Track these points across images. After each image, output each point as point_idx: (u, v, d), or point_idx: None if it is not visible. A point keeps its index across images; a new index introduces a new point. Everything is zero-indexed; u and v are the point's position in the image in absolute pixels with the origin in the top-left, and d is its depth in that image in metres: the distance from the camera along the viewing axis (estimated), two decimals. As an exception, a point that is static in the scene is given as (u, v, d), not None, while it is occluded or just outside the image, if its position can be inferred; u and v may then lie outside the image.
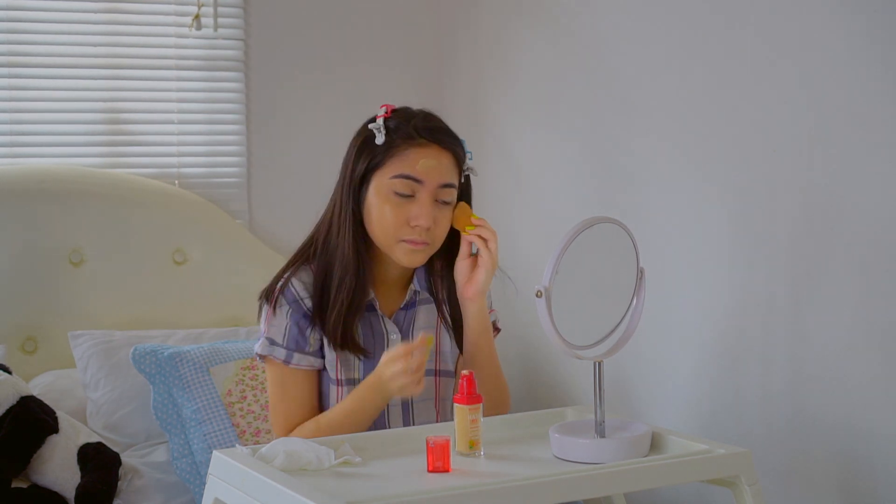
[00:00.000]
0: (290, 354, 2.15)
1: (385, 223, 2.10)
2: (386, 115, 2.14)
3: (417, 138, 2.11)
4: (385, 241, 2.12)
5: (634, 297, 1.97)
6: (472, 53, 3.42)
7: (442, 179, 2.11)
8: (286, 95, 3.38)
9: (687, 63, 2.65)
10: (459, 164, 2.16)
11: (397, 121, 2.13)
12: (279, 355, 2.15)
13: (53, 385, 2.88)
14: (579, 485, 1.74)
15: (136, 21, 3.22)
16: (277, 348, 2.15)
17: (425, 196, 2.10)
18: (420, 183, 2.09)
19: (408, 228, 2.09)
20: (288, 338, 2.15)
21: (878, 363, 2.25)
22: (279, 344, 2.15)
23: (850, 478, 2.31)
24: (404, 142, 2.10)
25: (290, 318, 2.15)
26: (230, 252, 3.21)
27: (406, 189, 2.09)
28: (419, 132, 2.11)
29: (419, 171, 2.09)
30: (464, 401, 1.89)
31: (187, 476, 2.63)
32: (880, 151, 2.22)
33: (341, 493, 1.66)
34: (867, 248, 2.26)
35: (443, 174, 2.11)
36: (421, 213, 2.09)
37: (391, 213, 2.09)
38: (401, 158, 2.10)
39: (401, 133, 2.11)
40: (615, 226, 1.92)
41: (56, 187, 3.05)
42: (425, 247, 2.11)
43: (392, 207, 2.09)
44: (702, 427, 2.63)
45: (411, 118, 2.14)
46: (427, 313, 2.23)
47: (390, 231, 2.10)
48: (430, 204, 2.09)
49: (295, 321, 2.15)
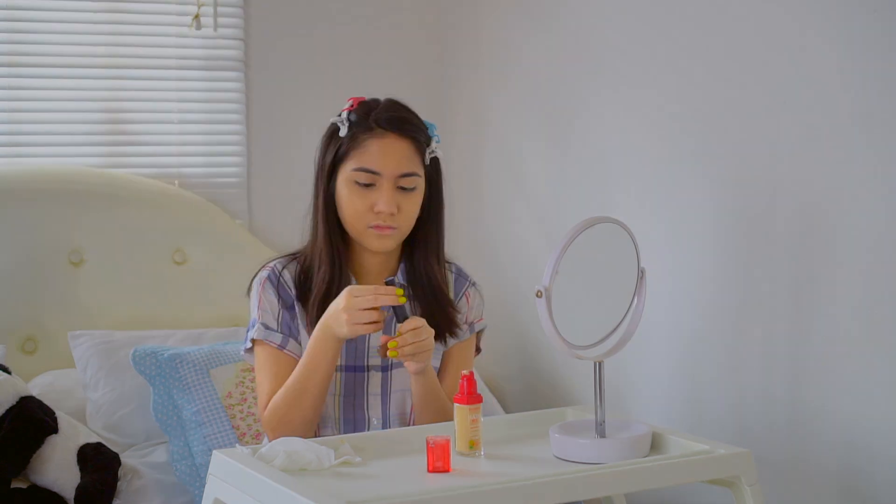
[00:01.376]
0: (286, 340, 2.18)
1: (351, 211, 2.15)
2: (351, 108, 2.19)
3: (376, 129, 2.15)
4: (354, 228, 2.17)
5: (635, 297, 1.97)
6: (472, 53, 3.42)
7: (399, 169, 2.15)
8: (286, 95, 3.38)
9: (687, 63, 2.65)
10: (421, 151, 2.19)
11: (359, 113, 2.18)
12: (275, 340, 2.17)
13: (53, 385, 2.88)
14: (579, 485, 1.74)
15: (137, 21, 3.22)
16: (273, 333, 2.18)
17: (385, 184, 2.14)
18: (378, 174, 2.14)
19: (372, 215, 2.14)
20: (281, 323, 2.19)
21: (878, 363, 2.25)
22: (274, 329, 2.18)
23: (850, 478, 2.31)
24: (363, 133, 2.16)
25: (280, 305, 2.19)
26: (230, 252, 3.21)
27: (366, 179, 2.14)
28: (377, 122, 2.16)
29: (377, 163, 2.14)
30: (464, 401, 1.89)
31: (187, 478, 2.63)
32: (880, 151, 2.22)
33: (341, 493, 1.66)
34: (867, 248, 2.26)
35: (400, 164, 2.15)
36: (381, 201, 2.13)
37: (355, 202, 2.15)
38: (361, 150, 2.15)
39: (361, 125, 2.16)
40: (615, 226, 1.92)
41: (56, 187, 3.05)
42: (392, 231, 2.16)
43: (356, 197, 2.15)
44: (702, 427, 2.62)
45: (372, 109, 2.19)
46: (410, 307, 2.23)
47: (357, 218, 2.15)
48: (390, 191, 2.14)
49: (286, 307, 2.19)
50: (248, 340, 2.22)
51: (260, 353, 2.20)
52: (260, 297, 2.20)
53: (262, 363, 2.19)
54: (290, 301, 2.20)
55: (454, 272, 2.31)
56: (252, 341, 2.21)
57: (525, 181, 3.20)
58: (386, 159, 2.14)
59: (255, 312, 2.21)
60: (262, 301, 2.20)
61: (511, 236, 3.23)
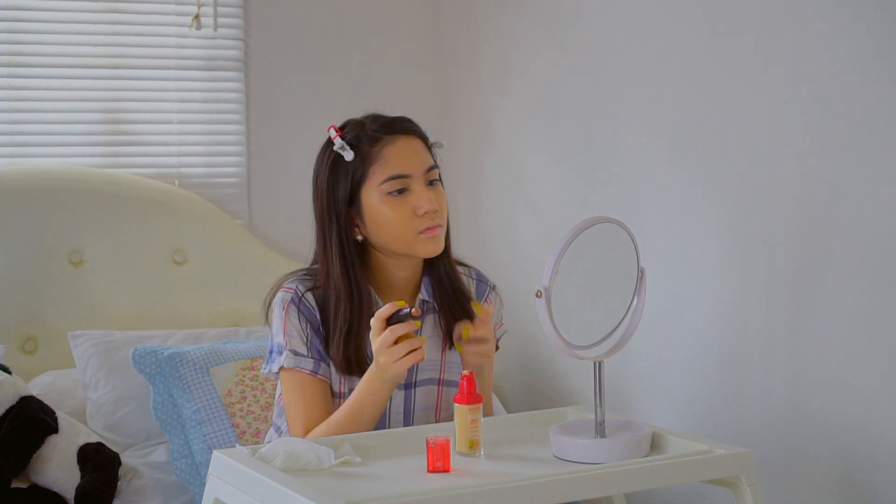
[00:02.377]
0: (317, 364, 2.11)
1: (393, 224, 2.09)
2: (340, 133, 2.14)
3: (383, 137, 2.12)
4: (403, 241, 2.10)
5: (634, 297, 1.97)
6: (472, 53, 3.42)
7: (424, 164, 2.12)
8: (286, 95, 3.38)
9: (686, 64, 2.65)
10: (428, 146, 2.17)
11: (352, 133, 2.14)
12: (307, 366, 2.10)
13: (53, 385, 2.88)
14: (579, 485, 1.74)
15: (137, 21, 3.22)
16: (303, 359, 2.11)
17: (417, 184, 2.10)
18: (409, 177, 2.10)
19: (416, 220, 2.09)
20: (311, 348, 2.12)
21: (878, 363, 2.25)
22: (304, 354, 2.11)
23: (850, 478, 2.31)
24: (373, 146, 2.11)
25: (308, 328, 2.12)
26: (230, 252, 3.21)
27: (399, 185, 2.09)
28: (382, 131, 2.13)
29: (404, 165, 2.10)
30: (464, 401, 1.89)
31: (187, 476, 2.63)
32: (880, 151, 2.22)
33: (341, 493, 1.66)
34: (867, 248, 2.26)
35: (423, 159, 2.13)
36: (422, 200, 2.09)
37: (395, 213, 2.09)
38: (380, 162, 2.10)
39: (365, 140, 2.12)
40: (615, 226, 1.92)
41: (56, 187, 3.05)
42: (440, 230, 2.11)
43: (395, 208, 2.09)
44: (702, 427, 2.62)
45: (363, 125, 2.15)
46: (434, 323, 2.20)
47: (402, 229, 2.09)
48: (425, 189, 2.10)
49: (313, 330, 2.12)
50: (274, 364, 2.14)
51: (289, 380, 2.12)
52: (285, 321, 2.12)
53: (292, 389, 2.12)
54: (317, 324, 2.13)
55: (475, 278, 2.27)
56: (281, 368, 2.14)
57: (525, 181, 3.20)
58: (410, 159, 2.11)
59: (279, 337, 2.13)
60: (287, 326, 2.11)
61: (511, 236, 3.23)
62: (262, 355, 2.80)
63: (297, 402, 2.11)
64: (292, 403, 2.12)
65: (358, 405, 2.04)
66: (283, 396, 2.15)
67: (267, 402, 2.71)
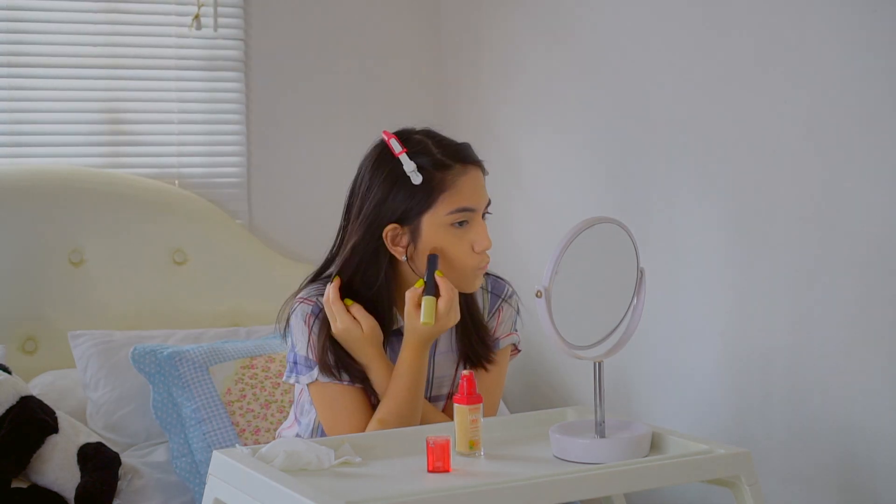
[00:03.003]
0: None
1: (452, 257, 2.05)
2: (404, 150, 2.05)
3: (455, 165, 2.05)
4: (458, 274, 2.07)
5: (634, 297, 1.97)
6: (473, 53, 3.42)
7: (486, 199, 2.10)
8: (286, 95, 3.38)
9: (687, 63, 2.65)
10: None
11: (421, 156, 2.05)
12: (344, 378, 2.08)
13: (53, 385, 2.88)
14: (579, 485, 1.74)
15: (136, 21, 3.22)
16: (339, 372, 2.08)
17: (477, 219, 2.08)
18: (475, 211, 2.07)
19: (475, 257, 2.06)
20: None
21: (878, 363, 2.25)
22: None
23: (850, 478, 2.31)
24: (444, 172, 2.04)
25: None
26: (230, 252, 3.21)
27: (463, 218, 2.06)
28: (452, 158, 2.06)
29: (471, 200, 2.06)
30: (464, 401, 1.89)
31: (187, 475, 2.63)
32: (880, 151, 2.22)
33: (341, 493, 1.66)
34: (867, 248, 2.26)
35: (485, 195, 2.10)
36: (480, 237, 2.07)
37: (456, 247, 2.05)
38: (451, 192, 2.04)
39: (434, 163, 2.04)
40: (615, 226, 1.92)
41: (56, 187, 3.05)
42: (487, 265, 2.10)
43: (456, 241, 2.05)
44: (702, 427, 2.63)
45: (427, 147, 2.07)
46: (447, 338, 2.18)
47: (461, 263, 2.06)
48: (484, 226, 2.08)
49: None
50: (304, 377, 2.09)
51: (325, 394, 2.08)
52: (310, 335, 2.08)
53: (330, 402, 2.08)
54: None
55: (490, 290, 2.22)
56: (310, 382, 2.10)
57: (525, 181, 3.20)
58: (479, 192, 2.07)
59: (304, 350, 2.08)
60: (312, 338, 2.07)
61: (511, 236, 3.23)
62: (262, 354, 2.80)
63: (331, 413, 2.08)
64: (327, 415, 2.09)
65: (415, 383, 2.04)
66: (320, 411, 2.10)
67: (267, 401, 2.71)
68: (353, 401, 2.09)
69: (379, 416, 2.06)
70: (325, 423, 2.11)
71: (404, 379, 2.05)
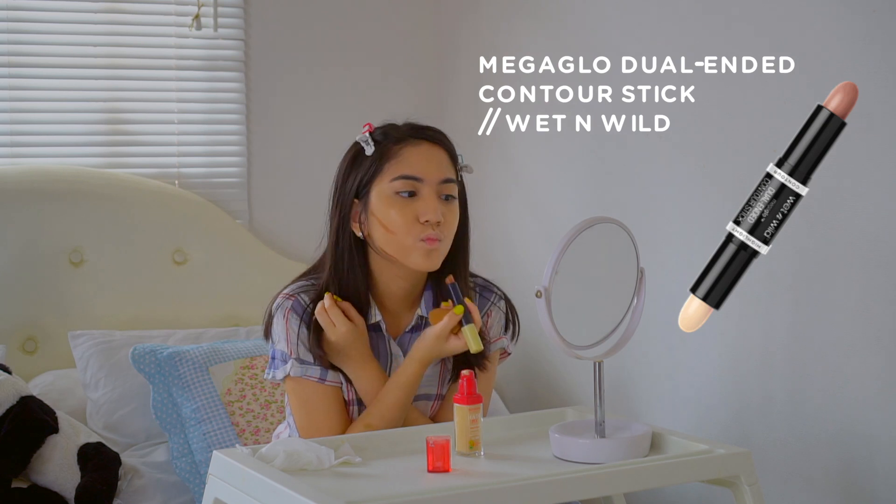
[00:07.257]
0: (325, 371, 2.09)
1: (394, 226, 2.04)
2: (370, 130, 2.10)
3: (408, 138, 2.08)
4: (401, 247, 2.05)
5: (634, 297, 1.97)
6: (472, 52, 3.42)
7: (441, 174, 2.07)
8: (286, 95, 3.38)
9: (687, 62, 2.65)
10: (454, 161, 2.13)
11: (383, 130, 2.11)
12: (314, 374, 2.08)
13: (53, 385, 2.88)
14: (579, 485, 1.74)
15: (136, 21, 3.22)
16: (310, 367, 2.08)
17: (428, 191, 2.05)
18: (421, 181, 2.06)
19: (418, 227, 2.03)
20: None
21: (878, 363, 2.25)
22: (310, 362, 2.08)
23: (850, 478, 2.31)
24: (396, 144, 2.07)
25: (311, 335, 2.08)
26: (230, 252, 3.22)
27: (408, 187, 2.05)
28: (409, 133, 2.09)
29: (418, 168, 2.06)
30: (464, 401, 1.89)
31: (187, 475, 2.63)
32: (880, 151, 2.22)
33: (341, 493, 1.66)
34: (867, 248, 2.26)
35: (440, 169, 2.08)
36: (428, 208, 2.04)
37: (398, 214, 2.04)
38: (397, 160, 2.06)
39: (390, 138, 2.08)
40: (615, 226, 1.92)
41: (56, 187, 3.05)
42: (439, 244, 2.05)
43: (398, 209, 2.04)
44: (702, 427, 2.62)
45: (395, 126, 2.12)
46: None
47: (402, 233, 2.04)
48: (434, 198, 2.05)
49: None
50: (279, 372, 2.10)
51: (296, 389, 2.09)
52: (287, 329, 2.08)
53: (299, 398, 2.09)
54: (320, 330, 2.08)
55: (479, 292, 2.20)
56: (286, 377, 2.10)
57: (525, 181, 3.20)
58: (427, 164, 2.06)
59: (282, 345, 2.09)
60: (289, 334, 2.07)
61: (511, 236, 3.23)
62: (262, 354, 2.80)
63: (312, 412, 2.08)
64: (301, 413, 2.09)
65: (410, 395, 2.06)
66: (294, 409, 2.10)
67: (266, 401, 2.71)
68: (328, 400, 2.08)
69: (367, 420, 2.07)
70: (298, 422, 2.10)
71: (402, 390, 2.06)
